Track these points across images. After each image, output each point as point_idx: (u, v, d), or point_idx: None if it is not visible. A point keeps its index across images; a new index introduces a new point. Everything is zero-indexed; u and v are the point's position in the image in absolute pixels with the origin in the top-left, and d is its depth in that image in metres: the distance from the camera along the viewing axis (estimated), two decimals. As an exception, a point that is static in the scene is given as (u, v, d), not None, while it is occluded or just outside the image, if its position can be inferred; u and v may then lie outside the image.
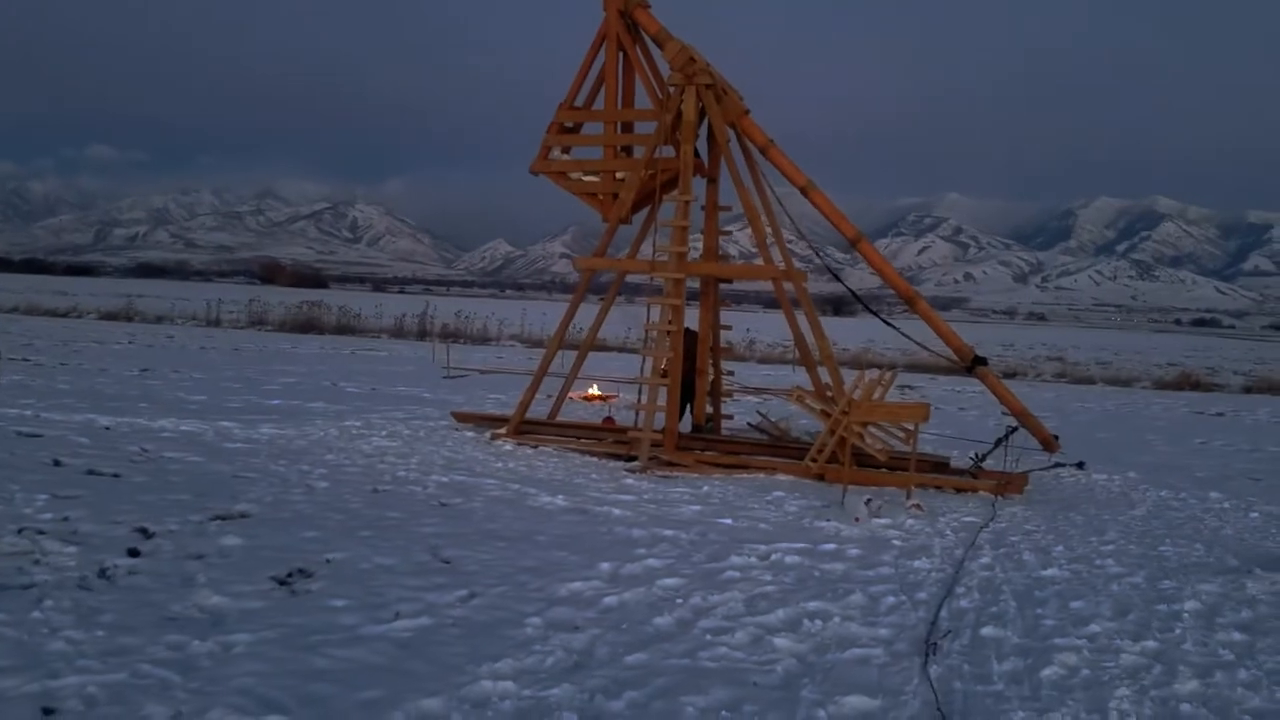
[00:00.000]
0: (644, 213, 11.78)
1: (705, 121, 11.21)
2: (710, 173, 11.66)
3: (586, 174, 11.86)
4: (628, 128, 11.88)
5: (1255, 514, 9.38)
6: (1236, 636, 5.52)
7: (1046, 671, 4.78)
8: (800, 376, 21.60)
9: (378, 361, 22.85)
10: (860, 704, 4.25)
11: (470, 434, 11.84)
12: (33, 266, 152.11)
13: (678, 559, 6.56)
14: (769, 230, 11.03)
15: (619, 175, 11.63)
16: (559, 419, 12.25)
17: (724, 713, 4.12)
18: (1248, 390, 27.14)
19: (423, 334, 32.96)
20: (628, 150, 11.81)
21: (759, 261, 11.09)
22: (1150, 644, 5.29)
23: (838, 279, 12.45)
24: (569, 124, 11.97)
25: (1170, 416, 19.27)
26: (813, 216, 11.41)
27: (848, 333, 40.85)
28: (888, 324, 11.15)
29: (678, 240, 10.86)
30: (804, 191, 10.78)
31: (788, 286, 11.00)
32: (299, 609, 5.13)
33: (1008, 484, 9.62)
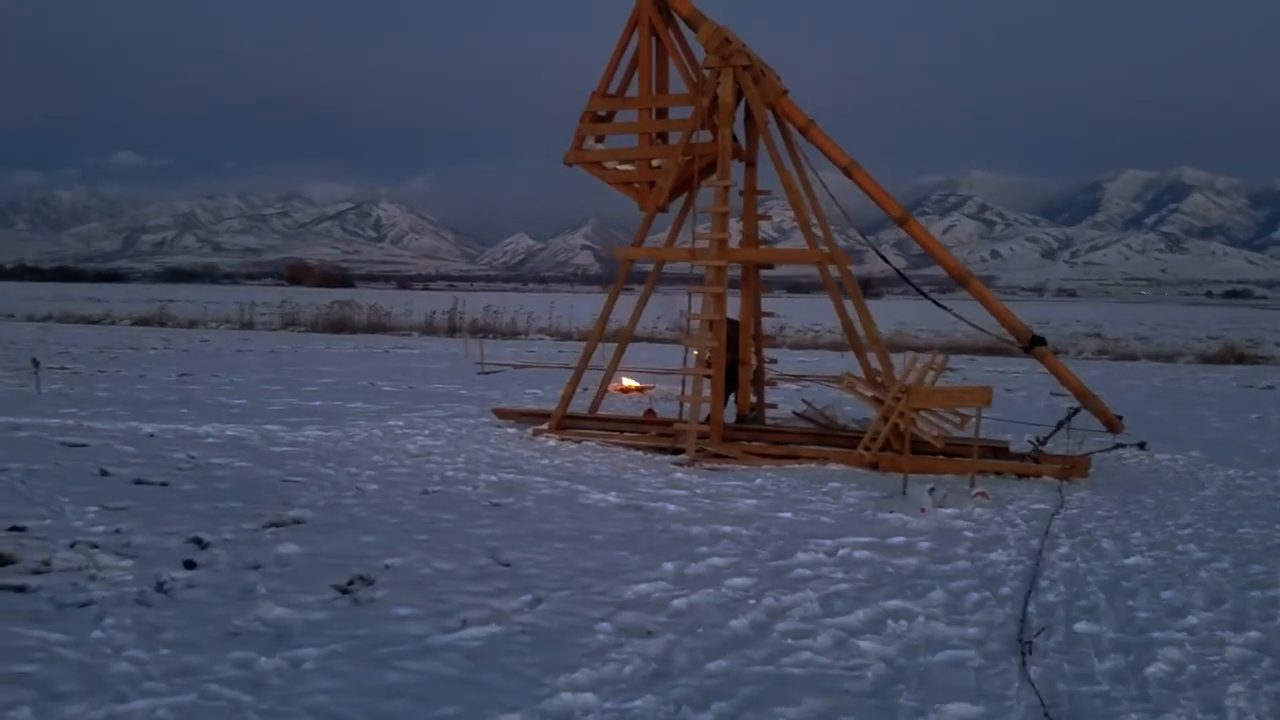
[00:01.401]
0: (680, 200, 11.53)
1: (742, 103, 10.94)
2: (748, 156, 11.40)
3: (622, 163, 11.62)
4: (662, 114, 11.61)
5: (1332, 492, 9.02)
6: (1342, 623, 5.23)
7: (1151, 669, 4.52)
8: (838, 362, 21.29)
9: (411, 359, 22.78)
10: (963, 711, 4.01)
11: (512, 430, 11.69)
12: (63, 274, 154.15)
13: (742, 557, 6.34)
14: (813, 216, 10.75)
15: (655, 163, 11.37)
16: (600, 412, 12.06)
17: (820, 723, 3.90)
18: (1295, 362, 26.43)
19: (453, 330, 32.90)
20: (663, 137, 11.55)
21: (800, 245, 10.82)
22: (1253, 634, 5.02)
23: (886, 262, 12.16)
24: (602, 112, 11.72)
25: (1220, 391, 18.78)
26: (844, 197, 11.11)
27: (877, 315, 40.13)
28: (941, 306, 10.83)
29: (718, 226, 10.61)
30: (847, 171, 10.48)
31: (832, 270, 10.72)
32: (364, 619, 4.97)
33: (1072, 468, 9.31)
